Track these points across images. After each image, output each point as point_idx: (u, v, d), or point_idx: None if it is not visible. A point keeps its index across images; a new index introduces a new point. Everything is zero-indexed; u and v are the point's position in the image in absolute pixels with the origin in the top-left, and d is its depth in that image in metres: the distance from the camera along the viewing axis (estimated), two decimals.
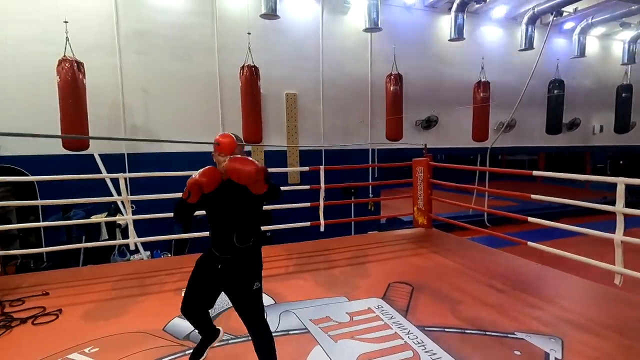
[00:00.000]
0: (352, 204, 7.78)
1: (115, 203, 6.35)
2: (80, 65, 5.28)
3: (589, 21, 8.80)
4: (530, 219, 3.78)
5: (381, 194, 8.96)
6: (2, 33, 5.60)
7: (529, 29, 8.08)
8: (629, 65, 9.96)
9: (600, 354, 2.33)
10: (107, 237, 6.22)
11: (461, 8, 7.52)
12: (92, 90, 5.52)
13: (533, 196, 3.67)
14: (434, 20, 8.42)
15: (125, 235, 6.18)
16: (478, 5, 8.42)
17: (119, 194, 4.32)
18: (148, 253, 6.46)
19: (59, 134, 5.24)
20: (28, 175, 5.60)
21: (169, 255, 6.64)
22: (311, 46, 7.46)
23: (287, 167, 7.34)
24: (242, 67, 6.33)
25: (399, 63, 7.49)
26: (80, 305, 3.06)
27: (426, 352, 2.36)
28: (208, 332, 2.15)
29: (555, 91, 8.99)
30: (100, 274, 3.81)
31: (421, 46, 8.29)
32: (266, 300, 3.12)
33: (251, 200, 1.89)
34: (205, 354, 2.15)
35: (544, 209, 8.59)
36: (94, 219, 6.05)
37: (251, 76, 6.30)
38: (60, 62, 5.14)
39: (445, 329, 2.63)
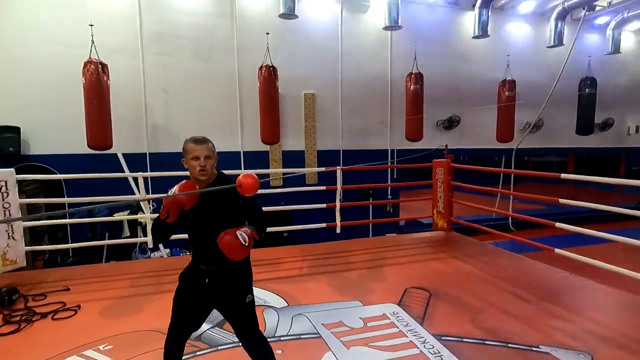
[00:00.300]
0: (371, 206, 7.66)
1: (137, 201, 6.50)
2: (104, 67, 5.42)
3: (625, 15, 8.30)
4: (557, 224, 3.57)
5: (400, 195, 8.79)
6: (32, 36, 5.84)
7: (559, 24, 7.71)
8: None
9: None
10: (129, 235, 6.39)
11: (485, 4, 7.26)
12: (115, 91, 5.66)
13: (561, 200, 3.48)
14: (457, 17, 8.18)
15: (146, 233, 6.32)
16: (504, 1, 8.13)
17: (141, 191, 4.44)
18: (168, 251, 6.59)
19: (84, 133, 5.40)
20: (56, 173, 5.83)
21: (188, 253, 6.74)
22: (330, 46, 7.40)
23: (304, 167, 7.32)
24: (261, 67, 6.34)
25: (420, 62, 7.30)
26: (98, 301, 3.12)
27: None
28: None
29: (587, 89, 8.53)
30: (120, 271, 3.90)
31: (443, 44, 8.07)
32: (279, 302, 3.10)
33: (234, 206, 1.77)
34: None
35: (574, 213, 8.17)
36: (117, 216, 6.24)
37: (269, 76, 6.29)
38: (85, 64, 5.30)
39: (464, 339, 2.51)
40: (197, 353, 2.36)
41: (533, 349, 2.39)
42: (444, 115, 8.13)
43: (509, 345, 2.44)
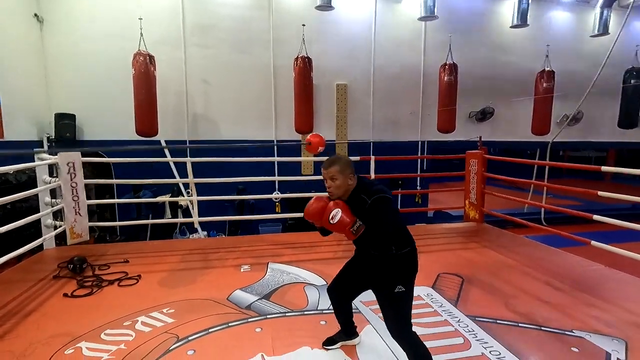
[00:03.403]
0: (400, 195, 7.75)
1: (177, 185, 6.91)
2: (151, 58, 5.77)
3: None
4: (595, 216, 3.56)
5: (429, 187, 8.80)
6: (90, 29, 6.27)
7: (605, 12, 7.39)
8: None
9: None
10: (170, 216, 6.82)
11: None
12: (160, 81, 6.01)
13: (600, 193, 3.47)
14: (495, 6, 7.99)
15: (185, 215, 6.73)
16: None
17: (180, 177, 4.76)
18: (205, 233, 6.97)
19: (132, 120, 5.79)
20: (105, 158, 6.29)
21: (223, 235, 7.12)
22: (364, 36, 7.45)
23: None
24: (296, 59, 6.51)
25: (455, 52, 7.24)
26: (156, 273, 3.45)
27: (477, 340, 2.39)
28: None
29: (632, 81, 8.13)
30: (171, 248, 4.25)
31: (479, 34, 7.93)
32: (318, 280, 3.31)
33: (362, 212, 1.95)
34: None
35: (612, 210, 7.91)
36: (160, 199, 6.67)
37: (304, 67, 6.46)
38: (135, 55, 5.66)
39: (498, 321, 2.63)
40: (249, 320, 2.61)
41: (567, 333, 2.48)
42: (477, 106, 8.03)
43: (542, 328, 2.53)
